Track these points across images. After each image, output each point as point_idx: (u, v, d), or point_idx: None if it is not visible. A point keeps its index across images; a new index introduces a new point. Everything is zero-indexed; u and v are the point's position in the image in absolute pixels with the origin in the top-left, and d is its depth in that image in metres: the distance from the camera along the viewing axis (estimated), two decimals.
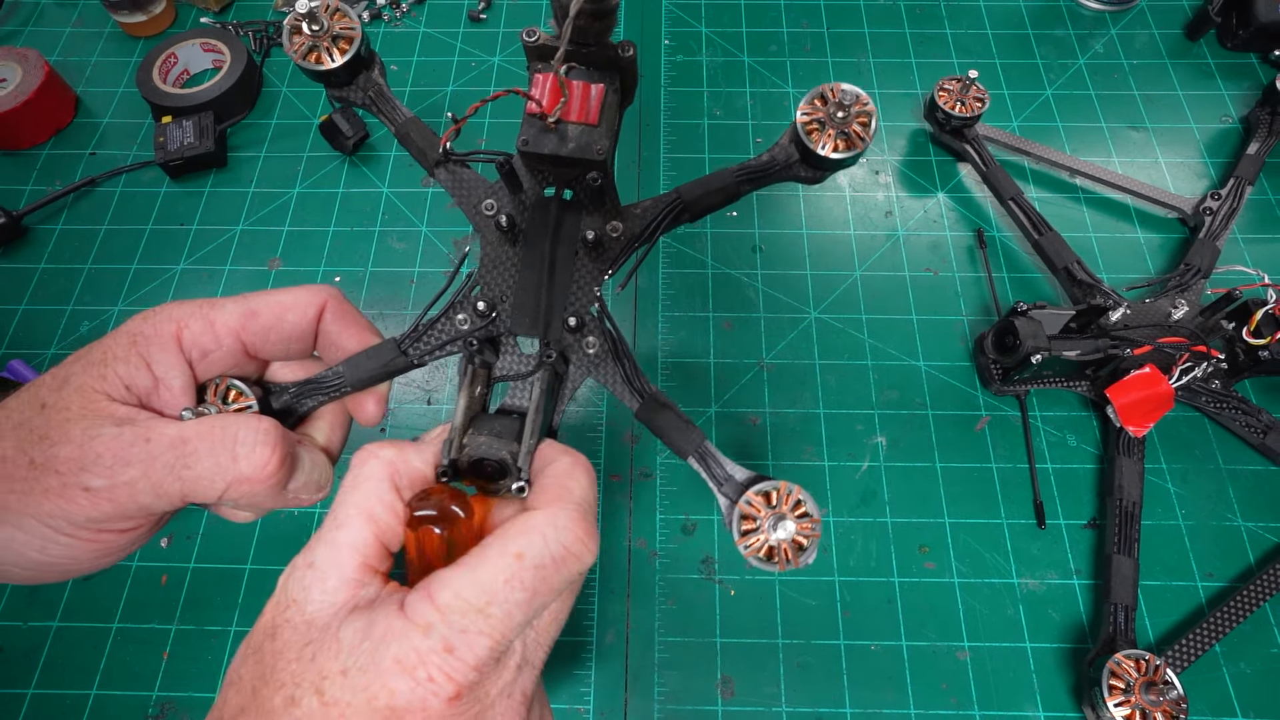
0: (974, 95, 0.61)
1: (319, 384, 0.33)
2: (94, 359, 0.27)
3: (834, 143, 0.34)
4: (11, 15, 0.75)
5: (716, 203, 0.36)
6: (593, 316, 0.36)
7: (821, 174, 0.36)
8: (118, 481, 0.25)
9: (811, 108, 0.34)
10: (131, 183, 0.64)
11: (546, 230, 0.37)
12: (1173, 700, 0.41)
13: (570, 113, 0.34)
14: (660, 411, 0.35)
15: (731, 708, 0.45)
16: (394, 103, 0.40)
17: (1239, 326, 0.50)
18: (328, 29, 0.38)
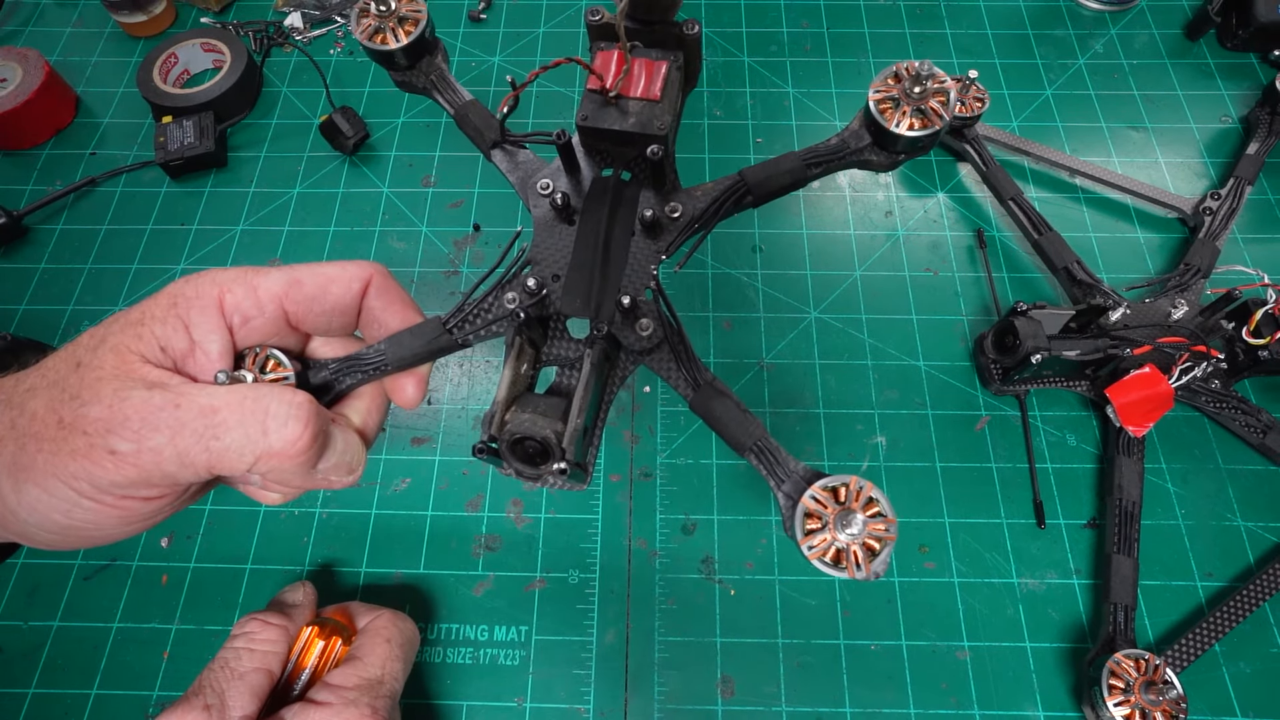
0: (974, 95, 0.61)
1: (359, 361, 0.31)
2: (132, 319, 0.26)
3: (909, 120, 0.32)
4: (12, 15, 0.75)
5: (782, 186, 0.34)
6: (647, 300, 0.34)
7: (895, 158, 0.33)
8: (144, 446, 0.24)
9: (885, 85, 0.32)
10: (132, 183, 0.64)
11: (603, 209, 0.35)
12: (1172, 700, 0.41)
13: (631, 88, 0.33)
14: (718, 400, 0.33)
15: (731, 707, 0.45)
16: (455, 86, 0.39)
17: (1239, 326, 0.50)
18: (394, 10, 0.37)
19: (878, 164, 0.34)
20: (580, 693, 0.45)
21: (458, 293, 0.59)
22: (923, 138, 0.31)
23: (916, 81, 0.32)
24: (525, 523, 0.50)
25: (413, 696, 0.45)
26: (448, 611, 0.48)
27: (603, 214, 0.35)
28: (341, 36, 0.73)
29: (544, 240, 0.35)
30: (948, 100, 0.32)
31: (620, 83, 0.33)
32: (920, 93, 0.32)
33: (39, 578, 0.49)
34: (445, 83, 0.40)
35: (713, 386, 0.33)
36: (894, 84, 0.32)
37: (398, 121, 0.67)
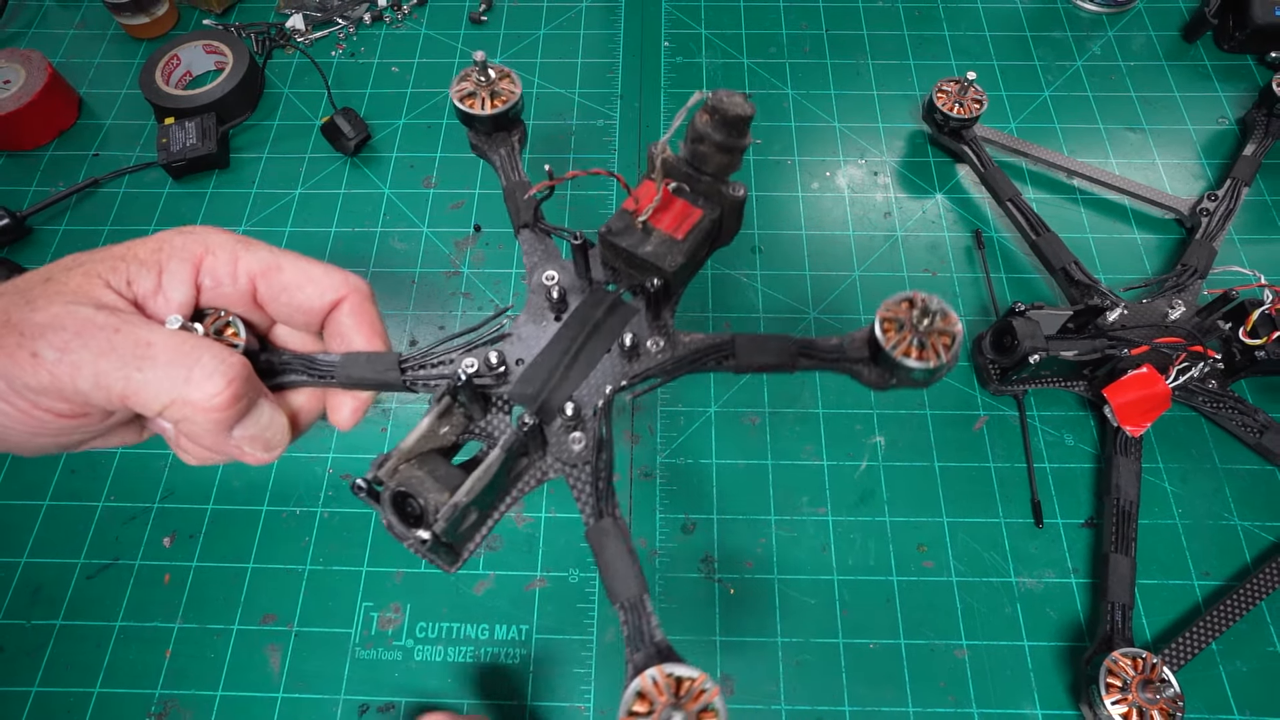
0: (972, 97, 0.61)
1: (309, 363, 0.31)
2: (115, 253, 0.27)
3: (908, 347, 0.31)
4: (15, 17, 0.75)
5: (767, 365, 0.35)
6: (591, 415, 0.35)
7: (886, 380, 0.33)
8: (66, 358, 0.24)
9: (896, 307, 0.32)
10: (134, 184, 0.65)
11: (591, 317, 0.36)
12: (1169, 698, 0.41)
13: (661, 221, 0.35)
14: (613, 540, 0.33)
15: (731, 706, 0.45)
16: (517, 165, 0.42)
17: (1235, 327, 0.50)
18: (491, 82, 0.40)
19: (868, 379, 0.34)
20: (580, 691, 0.46)
21: (457, 293, 0.59)
22: (915, 369, 0.31)
23: (925, 314, 0.31)
24: (526, 522, 0.50)
25: (413, 696, 0.46)
26: (448, 610, 0.48)
27: (589, 321, 0.36)
28: (342, 39, 0.73)
29: (527, 324, 0.36)
30: (952, 345, 0.31)
31: (651, 211, 0.34)
32: (926, 327, 0.31)
33: (42, 577, 0.49)
34: (511, 160, 0.42)
35: (615, 523, 0.33)
36: (905, 309, 0.32)
37: (399, 123, 0.67)
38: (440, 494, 0.30)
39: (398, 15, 0.74)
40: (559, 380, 0.35)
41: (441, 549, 0.31)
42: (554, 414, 0.34)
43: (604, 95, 0.69)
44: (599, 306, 0.36)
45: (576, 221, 0.62)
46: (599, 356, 0.36)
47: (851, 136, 0.66)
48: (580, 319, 0.36)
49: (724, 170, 0.35)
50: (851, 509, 0.51)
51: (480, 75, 0.40)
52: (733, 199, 0.36)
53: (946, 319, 0.31)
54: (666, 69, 0.70)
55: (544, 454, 0.34)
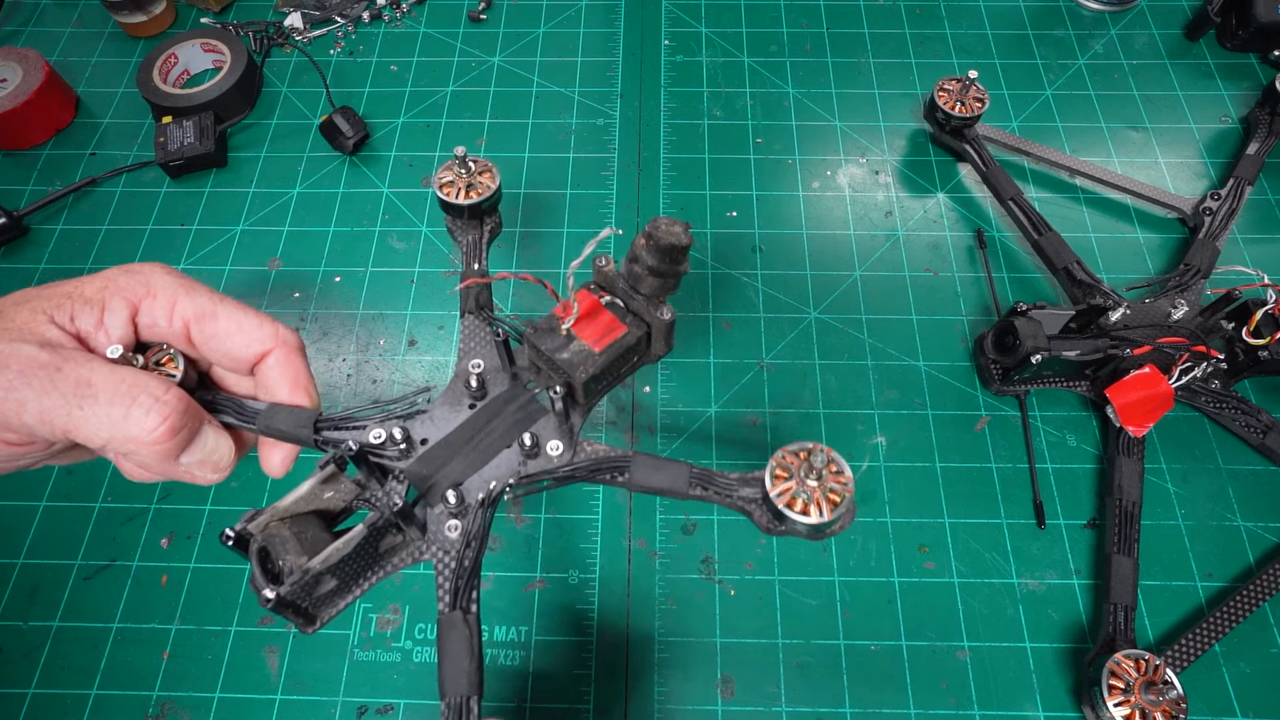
0: (974, 95, 0.61)
1: (239, 407, 0.33)
2: (64, 290, 0.29)
3: (792, 499, 0.31)
4: (12, 15, 0.75)
5: (660, 489, 0.35)
6: (474, 506, 0.35)
7: (776, 526, 0.33)
8: (10, 395, 0.26)
9: (792, 457, 0.32)
10: (132, 183, 0.64)
11: (500, 412, 0.37)
12: (1172, 700, 0.41)
13: (585, 331, 0.36)
14: (458, 636, 0.33)
15: (731, 707, 0.45)
16: (480, 255, 0.44)
17: (1238, 326, 0.50)
18: (470, 175, 0.43)
19: (758, 521, 0.34)
20: (580, 693, 0.45)
21: (457, 293, 0.59)
22: (799, 524, 0.31)
23: (811, 470, 0.31)
24: (525, 523, 0.50)
25: (412, 697, 0.45)
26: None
27: (498, 414, 0.37)
28: (341, 37, 0.73)
29: (443, 406, 0.37)
30: (840, 502, 0.31)
31: (573, 321, 0.36)
32: (816, 482, 0.31)
33: (39, 578, 0.49)
34: (476, 249, 0.44)
35: (465, 619, 0.34)
36: (799, 460, 0.32)
37: (398, 122, 0.67)
38: (299, 557, 0.31)
39: (396, 14, 0.74)
40: (455, 467, 0.36)
41: (290, 609, 0.31)
42: (437, 498, 0.35)
43: (604, 94, 0.69)
44: (512, 402, 0.38)
45: (575, 219, 0.62)
46: (498, 450, 0.37)
47: (852, 135, 0.66)
48: (491, 410, 0.37)
49: (658, 292, 0.36)
50: None
51: (460, 167, 0.43)
52: (661, 322, 0.37)
53: (839, 476, 0.31)
54: (666, 67, 0.70)
55: (422, 535, 0.35)
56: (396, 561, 0.35)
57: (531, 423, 0.37)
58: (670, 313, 0.36)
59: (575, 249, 0.60)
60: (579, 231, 0.61)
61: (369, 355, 0.56)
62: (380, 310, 0.58)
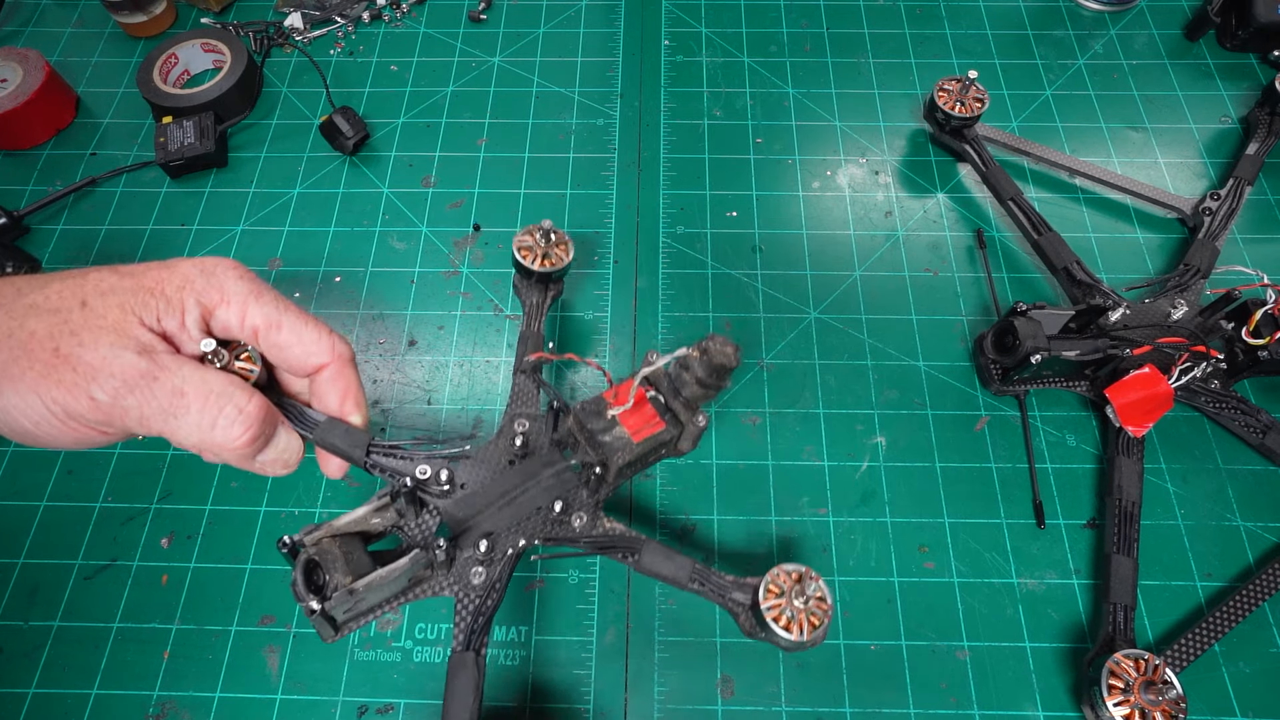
0: (973, 96, 0.61)
1: (300, 414, 0.36)
2: (146, 284, 0.30)
3: (779, 614, 0.35)
4: (12, 16, 0.75)
5: (663, 576, 0.39)
6: (499, 558, 0.39)
7: (757, 633, 0.36)
8: (117, 403, 0.28)
9: (785, 577, 0.36)
10: (132, 183, 0.64)
11: (537, 474, 0.40)
12: (1172, 700, 0.41)
13: (628, 419, 0.39)
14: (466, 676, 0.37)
15: (731, 707, 0.45)
16: (540, 318, 0.48)
17: (1238, 327, 0.50)
18: (549, 245, 0.47)
19: (742, 624, 0.37)
20: (580, 693, 0.45)
21: (456, 293, 0.59)
22: (781, 638, 0.34)
23: (803, 594, 0.35)
24: None
25: (412, 697, 0.45)
26: (447, 611, 0.48)
27: (536, 476, 0.40)
28: (341, 37, 0.73)
29: (486, 456, 0.41)
30: (821, 624, 0.35)
31: (623, 410, 0.39)
32: (802, 604, 0.35)
33: (39, 577, 0.49)
34: (538, 310, 0.48)
35: (476, 659, 0.37)
36: (791, 581, 0.36)
37: (398, 122, 0.67)
38: (345, 576, 0.34)
39: (396, 14, 0.74)
40: (487, 516, 0.39)
41: (326, 621, 0.35)
42: (470, 546, 0.38)
43: (604, 94, 0.69)
44: (549, 467, 0.41)
45: (574, 220, 0.62)
46: (530, 510, 0.40)
47: (852, 135, 0.66)
48: (528, 470, 0.40)
49: (697, 400, 0.39)
50: (852, 509, 0.50)
51: (541, 237, 0.47)
52: (694, 428, 0.40)
53: (823, 604, 0.35)
54: (666, 67, 0.70)
55: (448, 572, 0.39)
56: (420, 591, 0.38)
57: (564, 490, 0.40)
58: (704, 419, 0.40)
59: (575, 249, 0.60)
60: (579, 231, 0.61)
61: (369, 355, 0.56)
62: (380, 310, 0.58)
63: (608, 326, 0.57)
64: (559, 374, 0.55)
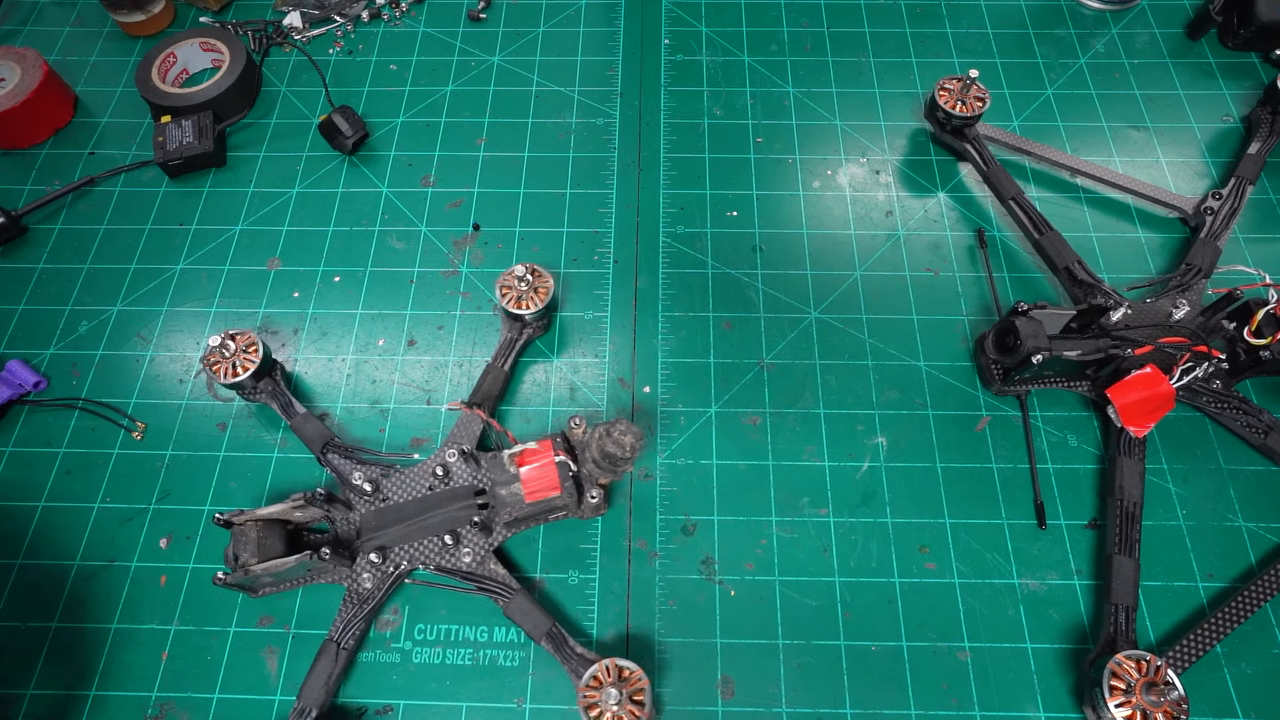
0: (974, 95, 0.60)
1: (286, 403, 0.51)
2: None
3: (599, 711, 0.40)
4: (10, 15, 0.74)
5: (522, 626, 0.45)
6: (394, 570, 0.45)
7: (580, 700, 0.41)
8: None
9: (607, 675, 0.41)
10: (130, 182, 0.64)
11: (445, 506, 0.46)
12: (1174, 701, 0.41)
13: (528, 475, 0.44)
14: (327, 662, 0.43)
15: (731, 708, 0.45)
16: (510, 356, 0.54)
17: (1240, 326, 0.50)
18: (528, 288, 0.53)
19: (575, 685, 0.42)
20: None
21: (456, 292, 0.59)
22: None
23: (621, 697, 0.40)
24: None
25: (412, 698, 0.45)
26: (448, 612, 0.47)
27: (442, 506, 0.46)
28: (340, 36, 0.72)
29: (413, 474, 0.47)
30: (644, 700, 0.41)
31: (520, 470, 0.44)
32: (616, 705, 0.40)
33: (37, 578, 0.49)
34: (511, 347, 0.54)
35: (338, 650, 0.44)
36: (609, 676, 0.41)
37: (397, 121, 0.67)
38: (251, 558, 0.43)
39: (396, 13, 0.74)
40: (395, 530, 0.46)
41: (236, 587, 0.45)
42: (370, 550, 0.45)
43: (604, 93, 0.68)
44: (458, 502, 0.46)
45: (575, 219, 0.62)
46: (429, 535, 0.45)
47: (853, 135, 0.66)
48: (439, 500, 0.46)
49: (595, 476, 0.44)
50: (853, 510, 0.50)
51: (521, 281, 0.52)
52: (588, 504, 0.45)
53: (641, 709, 0.40)
54: (667, 66, 0.70)
55: (350, 568, 0.45)
56: (321, 579, 0.46)
57: (461, 525, 0.45)
58: (598, 496, 0.45)
59: (575, 249, 0.60)
60: (579, 231, 0.61)
61: (368, 355, 0.56)
62: (379, 310, 0.58)
63: (608, 326, 0.57)
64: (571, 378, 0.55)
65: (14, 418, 0.54)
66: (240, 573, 0.42)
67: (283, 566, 0.42)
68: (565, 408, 0.54)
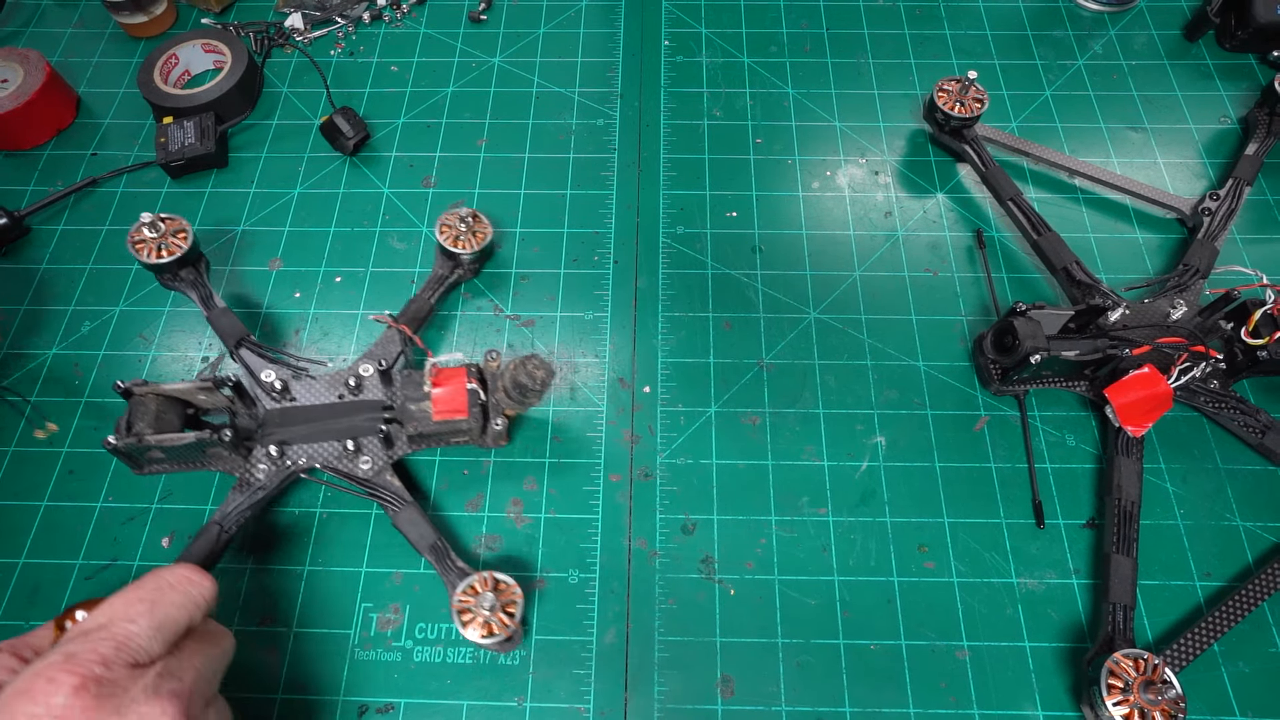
0: (973, 96, 0.61)
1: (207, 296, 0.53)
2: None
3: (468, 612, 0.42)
4: (13, 16, 0.75)
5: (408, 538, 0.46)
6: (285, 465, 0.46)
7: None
8: None
9: (482, 585, 0.42)
10: (133, 183, 0.64)
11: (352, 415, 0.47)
12: (1171, 699, 0.41)
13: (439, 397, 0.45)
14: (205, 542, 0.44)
15: (731, 707, 0.45)
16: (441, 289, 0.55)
17: (1237, 327, 0.50)
18: (467, 230, 0.55)
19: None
20: (580, 692, 0.46)
21: (456, 293, 0.59)
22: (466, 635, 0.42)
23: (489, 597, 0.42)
24: (525, 523, 0.50)
25: (413, 696, 0.45)
26: (448, 611, 0.48)
27: (349, 415, 0.47)
28: (341, 38, 0.73)
29: (325, 382, 0.49)
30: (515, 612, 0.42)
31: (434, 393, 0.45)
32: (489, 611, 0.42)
33: (40, 577, 0.49)
34: (440, 283, 0.55)
35: (221, 533, 0.44)
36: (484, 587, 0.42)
37: (398, 122, 0.67)
38: (148, 429, 0.43)
39: (397, 14, 0.74)
40: (298, 430, 0.47)
41: (123, 456, 0.44)
42: (269, 444, 0.46)
43: (604, 94, 0.69)
44: (363, 413, 0.47)
45: (575, 219, 0.62)
46: (330, 438, 0.47)
47: (852, 136, 0.66)
48: (349, 409, 0.47)
49: (502, 405, 0.45)
50: (852, 509, 0.50)
51: (461, 221, 0.54)
52: (493, 429, 0.46)
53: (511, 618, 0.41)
54: (667, 68, 0.70)
55: (245, 460, 0.46)
56: (213, 465, 0.46)
57: (364, 435, 0.47)
58: (502, 425, 0.46)
59: (575, 249, 0.61)
60: (579, 231, 0.61)
61: None
62: (380, 311, 0.58)
63: (608, 326, 0.57)
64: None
65: (14, 418, 0.54)
66: (133, 440, 0.42)
67: (179, 441, 0.43)
68: (565, 407, 0.54)
